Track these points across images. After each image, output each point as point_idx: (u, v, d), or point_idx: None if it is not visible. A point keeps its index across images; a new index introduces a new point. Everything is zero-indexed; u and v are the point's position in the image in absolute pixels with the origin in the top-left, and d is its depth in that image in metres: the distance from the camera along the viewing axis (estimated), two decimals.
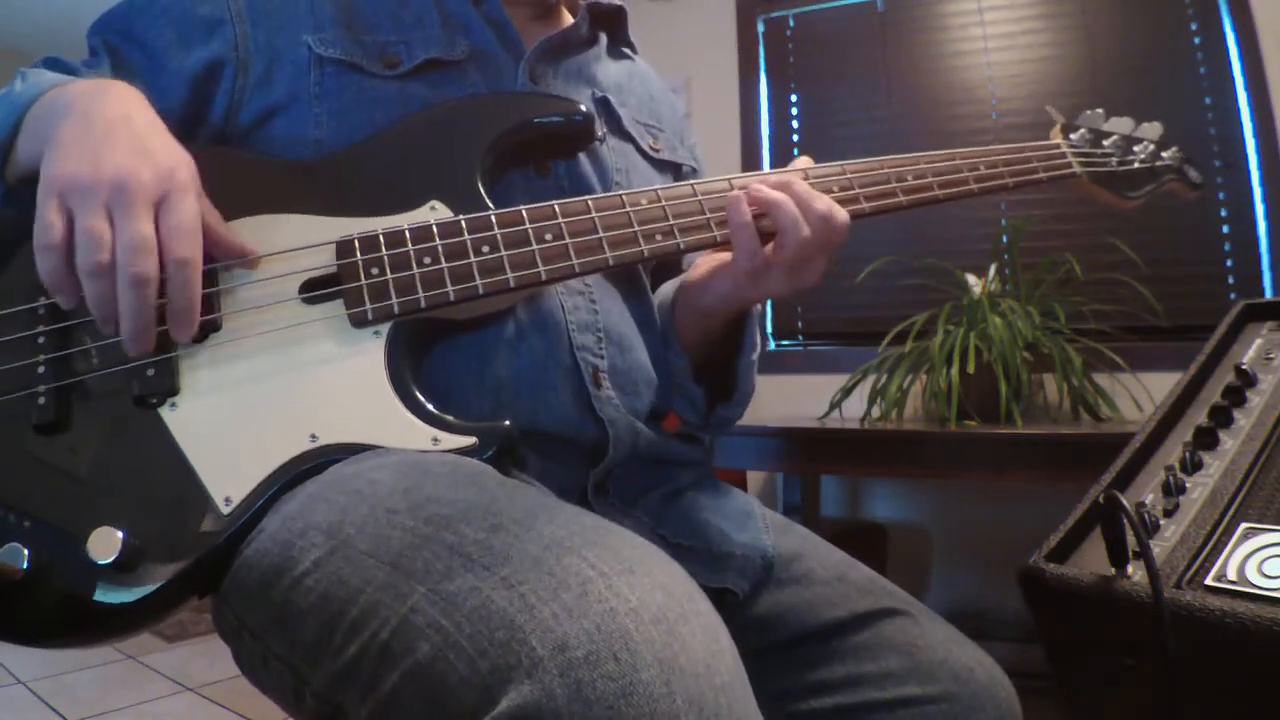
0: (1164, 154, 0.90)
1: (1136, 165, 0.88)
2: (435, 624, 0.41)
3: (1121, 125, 0.91)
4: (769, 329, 2.44)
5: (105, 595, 0.51)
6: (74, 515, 0.52)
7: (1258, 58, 1.99)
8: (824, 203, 0.67)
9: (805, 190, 0.67)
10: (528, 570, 0.41)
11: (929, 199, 0.75)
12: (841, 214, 0.67)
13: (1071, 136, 0.88)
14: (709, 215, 0.67)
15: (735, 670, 0.42)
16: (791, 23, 2.54)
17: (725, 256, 0.72)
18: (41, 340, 0.56)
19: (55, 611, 0.52)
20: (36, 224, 0.52)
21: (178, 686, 2.06)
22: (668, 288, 0.83)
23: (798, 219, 0.65)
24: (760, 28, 2.57)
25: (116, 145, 0.54)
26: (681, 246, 0.66)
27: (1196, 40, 2.09)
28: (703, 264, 0.76)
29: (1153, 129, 0.92)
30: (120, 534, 0.51)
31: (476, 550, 0.43)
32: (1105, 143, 0.89)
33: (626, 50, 0.88)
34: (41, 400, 0.55)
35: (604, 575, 0.41)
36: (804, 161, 0.74)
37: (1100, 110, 0.91)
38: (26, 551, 0.50)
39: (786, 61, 2.54)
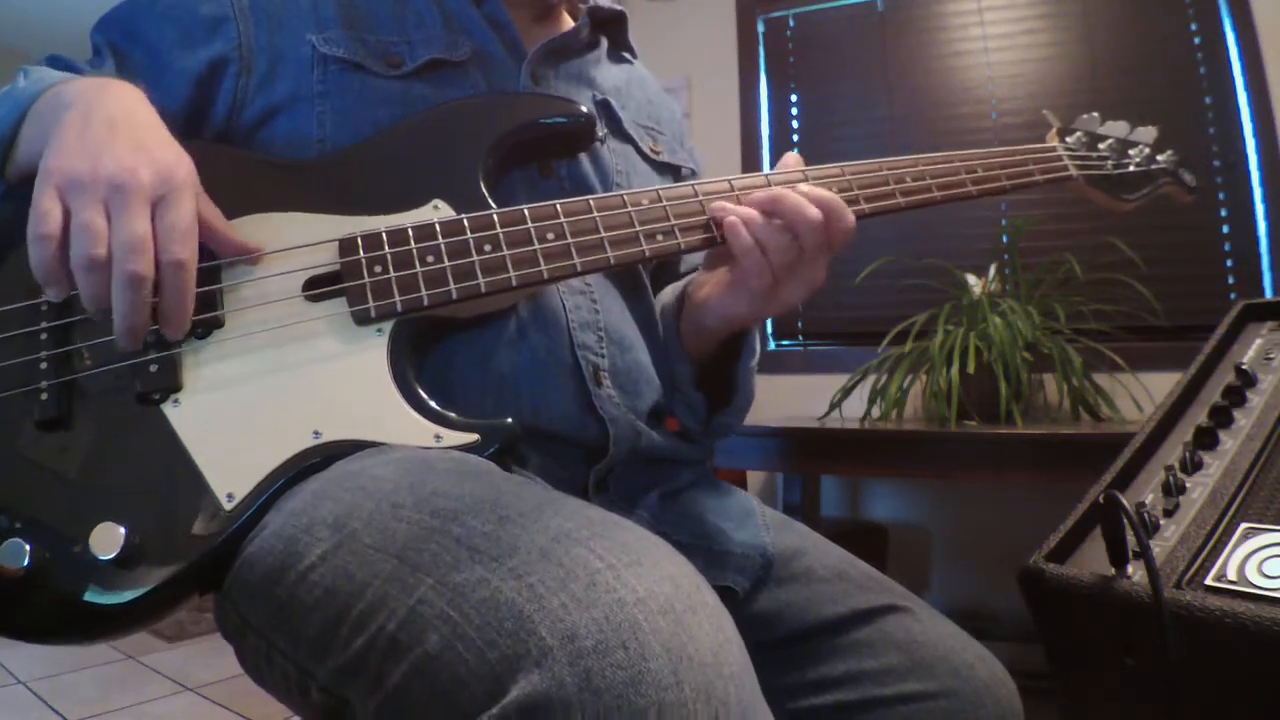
0: (1159, 157, 0.91)
1: (1132, 168, 0.89)
2: (443, 615, 0.41)
3: (1117, 129, 0.92)
4: (769, 329, 2.44)
5: (107, 591, 0.51)
6: (76, 511, 0.52)
7: (1258, 58, 1.99)
8: (814, 212, 0.65)
9: (795, 202, 0.65)
10: (535, 561, 0.42)
11: (927, 200, 0.75)
12: (851, 217, 0.66)
13: (1067, 140, 0.89)
14: (710, 216, 0.67)
15: (742, 660, 0.42)
16: (791, 23, 2.54)
17: (726, 274, 0.71)
18: (44, 336, 0.56)
19: (57, 608, 0.51)
20: (32, 213, 0.52)
21: (178, 686, 2.07)
22: (668, 294, 0.83)
23: (805, 234, 0.65)
24: (760, 28, 2.57)
25: (116, 143, 0.54)
26: (682, 246, 0.66)
27: (1196, 40, 2.09)
28: (705, 283, 0.74)
29: (1148, 133, 0.92)
30: (122, 530, 0.51)
31: (484, 542, 0.44)
32: (1101, 146, 0.89)
33: (626, 55, 0.88)
34: (44, 396, 0.55)
35: (612, 567, 0.41)
36: (793, 160, 0.73)
37: (1096, 114, 0.92)
38: (28, 548, 0.50)
39: (786, 61, 2.54)
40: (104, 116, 0.55)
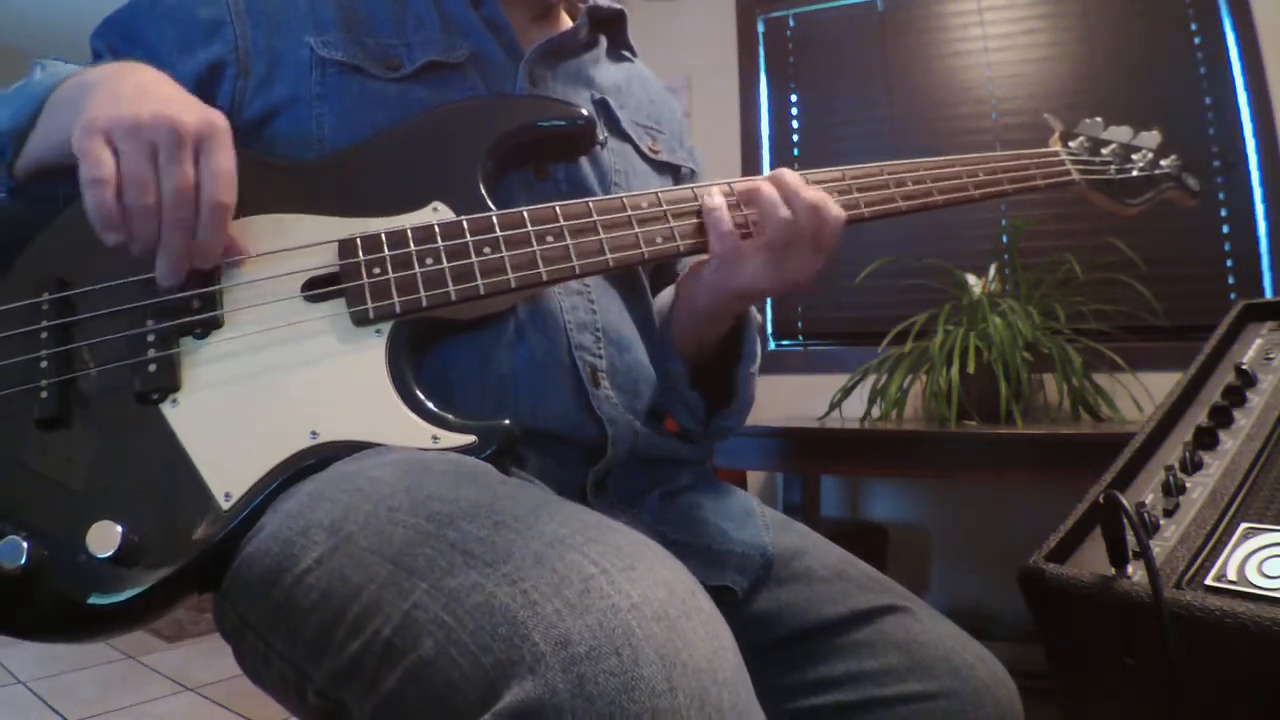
0: (1162, 162, 0.91)
1: (1135, 173, 0.89)
2: (438, 620, 0.41)
3: (1120, 134, 0.92)
4: (769, 329, 2.44)
5: (104, 590, 0.51)
6: (73, 510, 0.52)
7: (1258, 58, 1.99)
8: (815, 194, 0.67)
9: (794, 180, 0.68)
10: (530, 567, 0.42)
11: (928, 204, 0.75)
12: (836, 209, 0.68)
13: (1070, 144, 0.89)
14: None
15: (737, 666, 0.42)
16: (791, 23, 2.54)
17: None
18: (44, 335, 0.57)
19: (54, 606, 0.51)
20: (83, 161, 0.52)
21: (178, 686, 2.07)
22: (665, 295, 0.83)
23: (775, 200, 0.67)
24: (760, 28, 2.57)
25: (153, 96, 0.56)
26: (681, 249, 0.67)
27: (1196, 40, 2.09)
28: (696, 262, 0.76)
29: (1151, 137, 0.92)
30: (120, 528, 0.51)
31: (479, 547, 0.44)
32: (1104, 151, 0.90)
33: (626, 54, 0.88)
34: (43, 395, 0.55)
35: (606, 572, 0.41)
36: (780, 170, 0.73)
37: (1099, 119, 0.92)
38: (26, 546, 0.50)
39: (786, 61, 2.54)
40: (135, 83, 0.57)
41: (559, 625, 0.38)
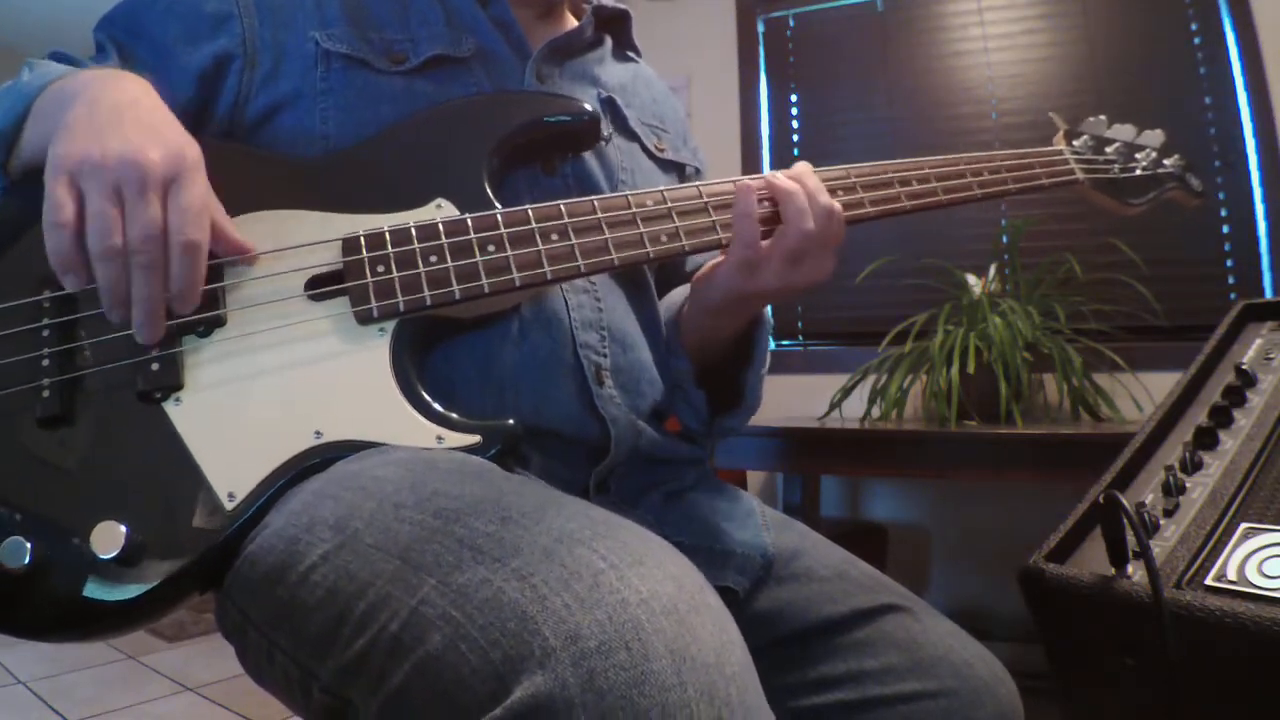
0: (1166, 161, 0.91)
1: (1138, 172, 0.89)
2: (446, 615, 0.41)
3: (1124, 132, 0.92)
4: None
5: (107, 589, 0.51)
6: (76, 510, 0.52)
7: (1258, 58, 1.99)
8: (827, 196, 0.68)
9: (816, 183, 0.69)
10: (539, 562, 0.42)
11: (932, 203, 0.75)
12: (839, 207, 0.69)
13: (1074, 143, 0.89)
14: (714, 218, 0.68)
15: (745, 661, 0.42)
16: (791, 23, 2.54)
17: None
18: (46, 333, 0.56)
19: (57, 606, 0.51)
20: (46, 202, 0.52)
21: (178, 686, 2.06)
22: (677, 293, 0.83)
23: (805, 210, 0.67)
24: (760, 28, 2.57)
25: (125, 126, 0.54)
26: (686, 248, 0.67)
27: (1196, 40, 2.09)
28: (709, 262, 0.76)
29: (1155, 136, 0.92)
30: (123, 528, 0.51)
31: (487, 543, 0.44)
32: (1108, 150, 0.90)
33: (630, 54, 0.88)
34: (45, 394, 0.55)
35: (615, 567, 0.41)
36: (803, 168, 0.74)
37: (1103, 117, 0.92)
38: (29, 546, 0.50)
39: (786, 61, 2.54)
40: (110, 104, 0.56)
41: (568, 620, 0.38)
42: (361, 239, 0.61)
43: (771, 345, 0.87)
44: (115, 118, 0.55)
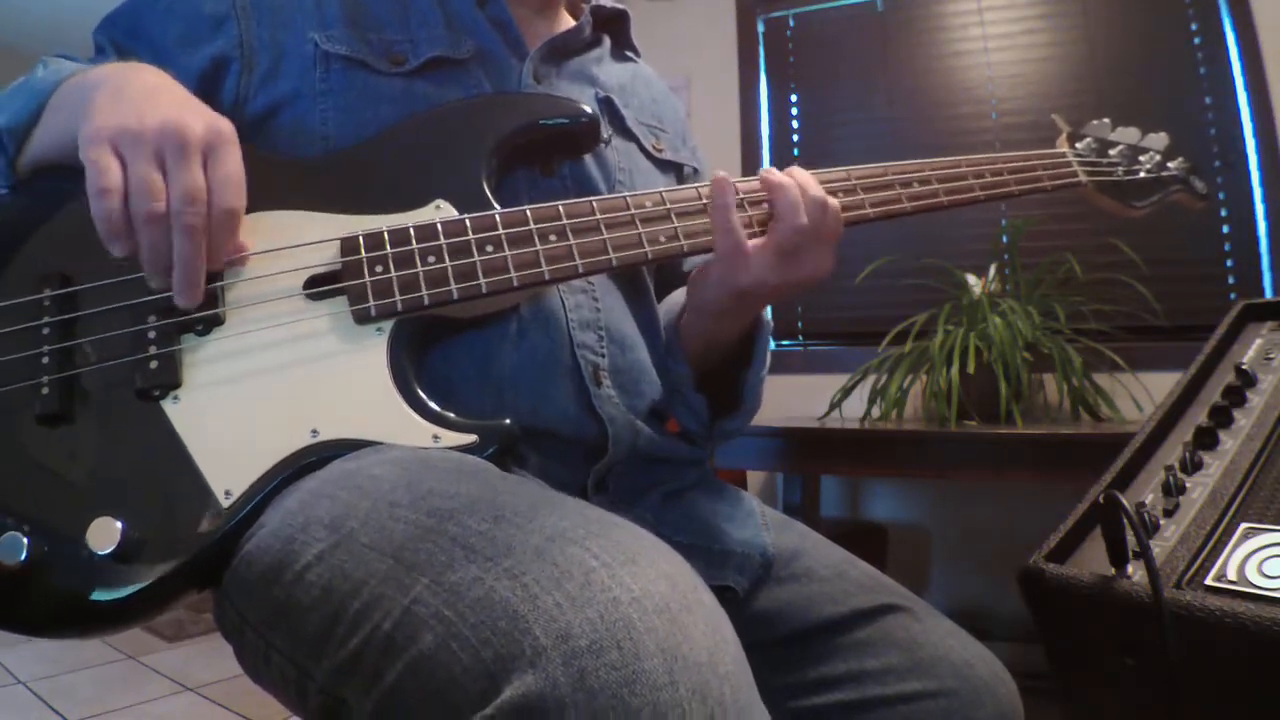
0: (1170, 164, 0.91)
1: (1142, 175, 0.89)
2: (438, 614, 0.41)
3: (1128, 135, 0.91)
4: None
5: (104, 587, 0.51)
6: (74, 506, 0.52)
7: (1258, 58, 1.99)
8: (820, 189, 0.68)
9: (808, 178, 0.69)
10: (530, 561, 0.42)
11: (934, 205, 0.75)
12: (834, 201, 0.68)
13: (1077, 145, 0.88)
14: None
15: (738, 660, 0.42)
16: (791, 23, 2.54)
17: None
18: (46, 331, 0.57)
19: (53, 602, 0.52)
20: (90, 170, 0.52)
21: (178, 686, 2.07)
22: (676, 296, 0.83)
23: (797, 203, 0.67)
24: (760, 28, 2.57)
25: (160, 101, 0.55)
26: (685, 249, 0.67)
27: (1196, 40, 2.09)
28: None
29: (1159, 139, 0.92)
30: (120, 525, 0.51)
31: (479, 541, 0.44)
32: (1111, 152, 0.89)
33: (630, 54, 0.88)
34: (45, 391, 0.55)
35: (607, 565, 0.41)
36: (797, 168, 0.74)
37: (1106, 120, 0.91)
38: (25, 541, 0.50)
39: (786, 61, 2.54)
40: (139, 85, 0.57)
41: (560, 619, 0.38)
42: (360, 239, 0.61)
43: (771, 345, 0.86)
44: (148, 94, 0.56)
